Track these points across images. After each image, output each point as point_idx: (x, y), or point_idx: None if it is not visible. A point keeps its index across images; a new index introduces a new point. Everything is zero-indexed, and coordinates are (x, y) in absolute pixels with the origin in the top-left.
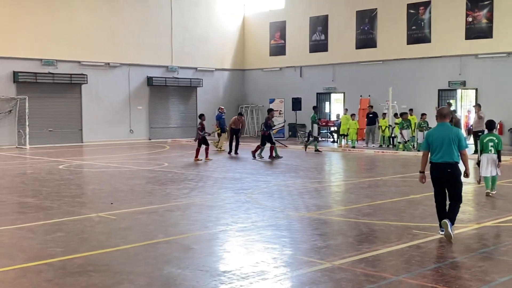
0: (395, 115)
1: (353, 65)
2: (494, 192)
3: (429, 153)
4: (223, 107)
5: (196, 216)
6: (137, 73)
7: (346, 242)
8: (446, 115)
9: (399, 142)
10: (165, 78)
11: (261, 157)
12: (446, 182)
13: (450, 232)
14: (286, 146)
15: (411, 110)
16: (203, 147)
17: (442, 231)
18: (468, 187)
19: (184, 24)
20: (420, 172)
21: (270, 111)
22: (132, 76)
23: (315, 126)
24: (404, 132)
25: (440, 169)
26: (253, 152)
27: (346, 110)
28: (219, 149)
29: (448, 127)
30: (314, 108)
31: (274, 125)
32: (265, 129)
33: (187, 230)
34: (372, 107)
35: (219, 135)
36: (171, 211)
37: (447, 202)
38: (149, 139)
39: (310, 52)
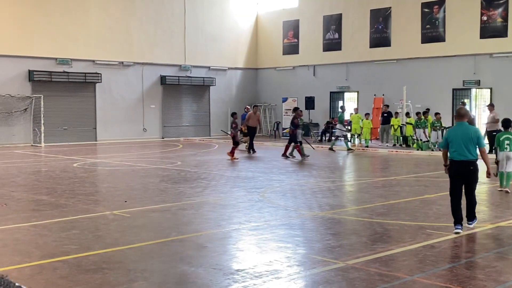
0: (407, 114)
1: (367, 64)
2: (507, 189)
3: (448, 151)
4: (249, 107)
5: (209, 215)
6: (151, 72)
7: (359, 241)
8: (464, 115)
9: (423, 141)
10: (178, 77)
11: (293, 156)
12: (465, 179)
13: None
14: (313, 148)
15: (428, 109)
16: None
17: (458, 228)
18: (482, 187)
19: (197, 23)
20: (444, 165)
21: (296, 109)
22: (146, 75)
23: (340, 126)
24: (421, 131)
25: (461, 167)
26: (284, 153)
27: (356, 109)
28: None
29: (467, 126)
30: (341, 108)
31: (301, 124)
32: (292, 128)
33: (200, 228)
34: (388, 106)
35: (245, 135)
36: (184, 209)
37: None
38: (162, 138)
39: (323, 51)
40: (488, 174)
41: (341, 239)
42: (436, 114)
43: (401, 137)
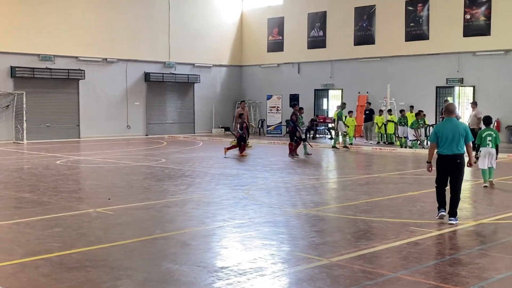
0: (389, 111)
1: (351, 62)
2: (491, 180)
3: (437, 146)
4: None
5: (193, 212)
6: (135, 69)
7: (343, 239)
8: (453, 111)
9: (412, 140)
10: (163, 74)
11: (297, 155)
12: (452, 172)
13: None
14: (311, 146)
15: (411, 107)
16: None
17: (442, 211)
18: (466, 184)
19: (182, 19)
20: (427, 162)
21: (294, 105)
22: (130, 71)
23: (341, 123)
24: (402, 129)
25: (449, 160)
26: (290, 152)
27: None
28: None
29: (456, 122)
30: (342, 104)
31: (300, 122)
32: (291, 125)
33: (184, 226)
34: (370, 103)
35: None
36: (168, 207)
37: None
38: (146, 135)
39: (308, 48)
40: (470, 164)
41: (325, 236)
42: (419, 112)
43: (385, 135)
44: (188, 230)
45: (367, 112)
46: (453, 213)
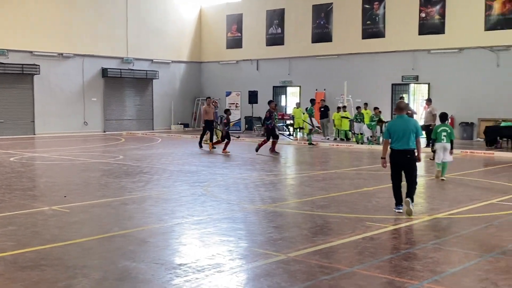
0: (343, 108)
1: (309, 59)
2: (443, 178)
3: (390, 142)
4: (217, 101)
5: (151, 209)
6: (92, 64)
7: (301, 234)
8: (404, 108)
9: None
10: (120, 69)
11: (277, 153)
12: (405, 166)
13: (411, 208)
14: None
15: (365, 104)
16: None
17: (399, 209)
18: (420, 179)
19: (140, 15)
20: (382, 158)
21: (270, 102)
22: (86, 67)
23: (313, 119)
24: (358, 125)
25: (401, 155)
26: (271, 150)
27: (298, 104)
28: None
29: (407, 119)
30: (311, 100)
31: (275, 118)
32: (267, 123)
33: (142, 223)
34: (324, 100)
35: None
36: (126, 204)
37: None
38: (104, 132)
39: (267, 45)
40: (418, 159)
41: (283, 232)
42: (375, 108)
43: (343, 131)
44: (146, 227)
45: (322, 109)
46: (409, 195)
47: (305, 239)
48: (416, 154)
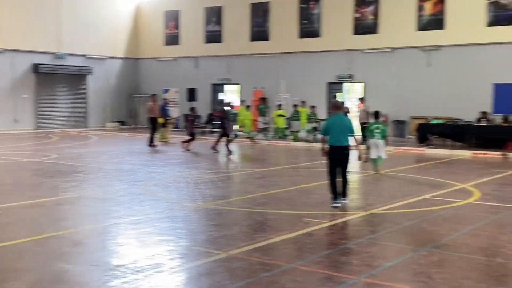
0: (279, 106)
1: (248, 57)
2: (378, 172)
3: (327, 138)
4: (167, 98)
5: (86, 210)
6: (22, 60)
7: (241, 232)
8: (340, 107)
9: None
10: (53, 65)
11: (217, 151)
12: (341, 161)
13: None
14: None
15: (303, 102)
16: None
17: (336, 204)
18: (355, 176)
19: (73, 9)
20: (321, 149)
21: (223, 102)
22: (17, 62)
23: (264, 118)
24: (295, 123)
25: (338, 151)
26: (213, 147)
27: (243, 101)
28: (165, 141)
29: (343, 117)
30: (263, 99)
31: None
32: (224, 122)
33: (77, 224)
34: (265, 99)
35: (163, 126)
36: (60, 204)
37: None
38: (35, 129)
39: (205, 42)
40: (359, 158)
41: (224, 230)
42: (312, 107)
43: (281, 129)
44: (81, 228)
45: (263, 107)
46: (344, 195)
47: (246, 237)
48: (349, 150)
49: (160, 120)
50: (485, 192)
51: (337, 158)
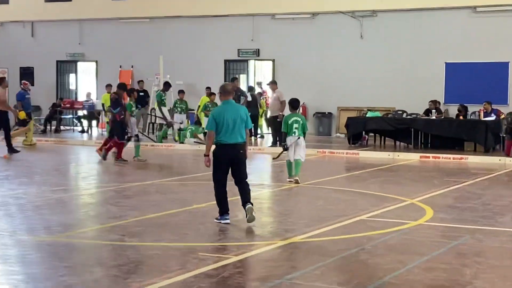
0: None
1: (110, 23)
2: (297, 178)
3: (216, 134)
4: (27, 82)
5: None
6: None
7: (108, 275)
8: (231, 92)
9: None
10: None
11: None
12: (236, 164)
13: (255, 215)
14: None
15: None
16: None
17: (226, 219)
18: (264, 191)
19: None
20: (205, 155)
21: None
22: None
23: (165, 109)
24: (179, 117)
25: (232, 150)
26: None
27: (108, 86)
28: (31, 144)
29: (235, 105)
30: (165, 84)
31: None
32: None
33: None
34: (142, 82)
35: (25, 122)
36: None
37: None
38: None
39: (46, 1)
40: (246, 156)
41: (82, 273)
42: (181, 92)
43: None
44: None
45: (142, 94)
46: (248, 199)
47: (114, 282)
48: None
49: (21, 115)
50: (439, 208)
51: (229, 159)
